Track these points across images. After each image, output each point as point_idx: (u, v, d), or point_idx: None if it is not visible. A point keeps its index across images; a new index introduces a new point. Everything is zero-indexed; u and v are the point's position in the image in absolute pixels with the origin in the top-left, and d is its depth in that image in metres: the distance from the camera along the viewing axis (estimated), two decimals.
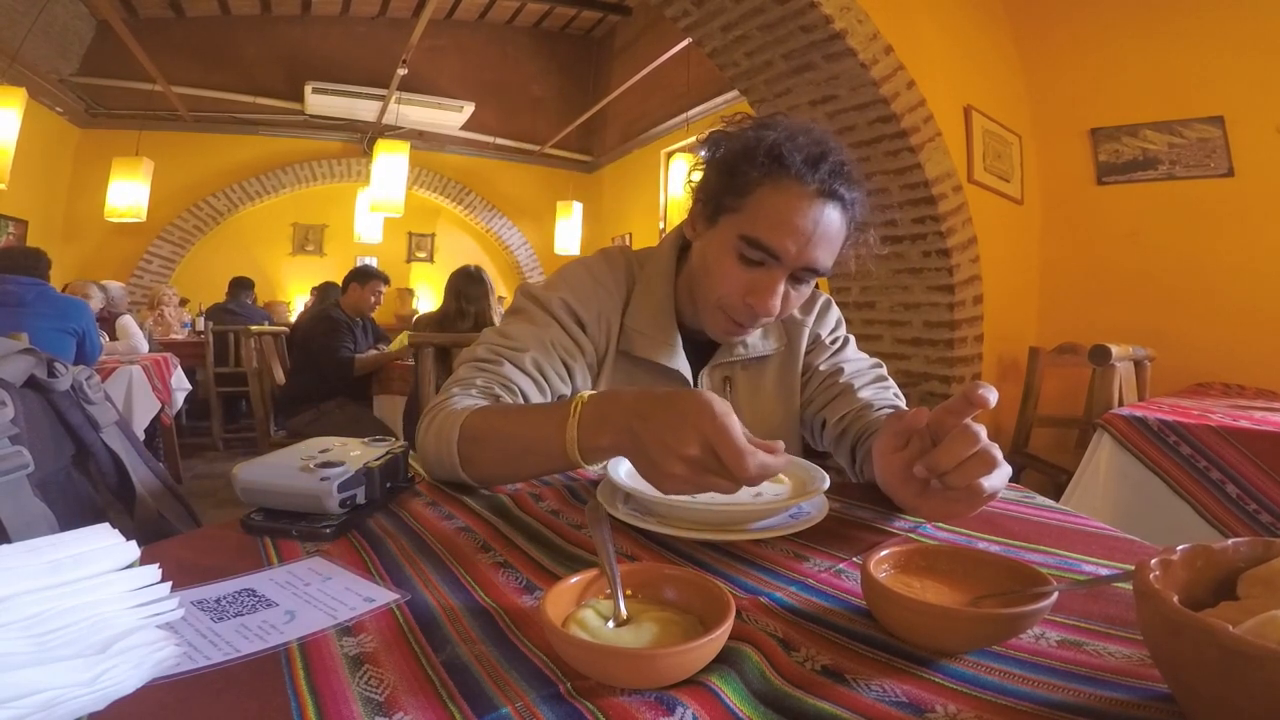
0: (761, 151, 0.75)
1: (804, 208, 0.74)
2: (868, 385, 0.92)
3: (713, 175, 0.81)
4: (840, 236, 0.79)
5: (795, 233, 0.74)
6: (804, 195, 0.74)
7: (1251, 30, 2.40)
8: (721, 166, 0.79)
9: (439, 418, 0.73)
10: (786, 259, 0.76)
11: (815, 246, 0.76)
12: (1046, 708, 0.35)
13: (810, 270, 0.78)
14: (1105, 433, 1.50)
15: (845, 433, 0.87)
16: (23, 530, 0.52)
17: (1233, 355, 2.41)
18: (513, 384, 0.80)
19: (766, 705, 0.35)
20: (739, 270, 0.78)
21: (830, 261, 0.79)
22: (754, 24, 2.38)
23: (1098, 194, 2.83)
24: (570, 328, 0.86)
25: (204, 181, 6.05)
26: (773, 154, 0.74)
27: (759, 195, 0.76)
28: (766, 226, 0.75)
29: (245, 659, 0.39)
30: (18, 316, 2.41)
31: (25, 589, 0.36)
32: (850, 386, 0.91)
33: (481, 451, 0.69)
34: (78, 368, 0.70)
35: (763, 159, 0.75)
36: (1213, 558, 0.39)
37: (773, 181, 0.75)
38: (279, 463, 0.63)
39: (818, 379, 0.95)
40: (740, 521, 0.60)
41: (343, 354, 2.96)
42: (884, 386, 0.93)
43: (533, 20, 6.78)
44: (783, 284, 0.77)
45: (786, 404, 0.96)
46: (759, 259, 0.76)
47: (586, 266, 0.91)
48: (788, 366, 0.96)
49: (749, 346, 0.92)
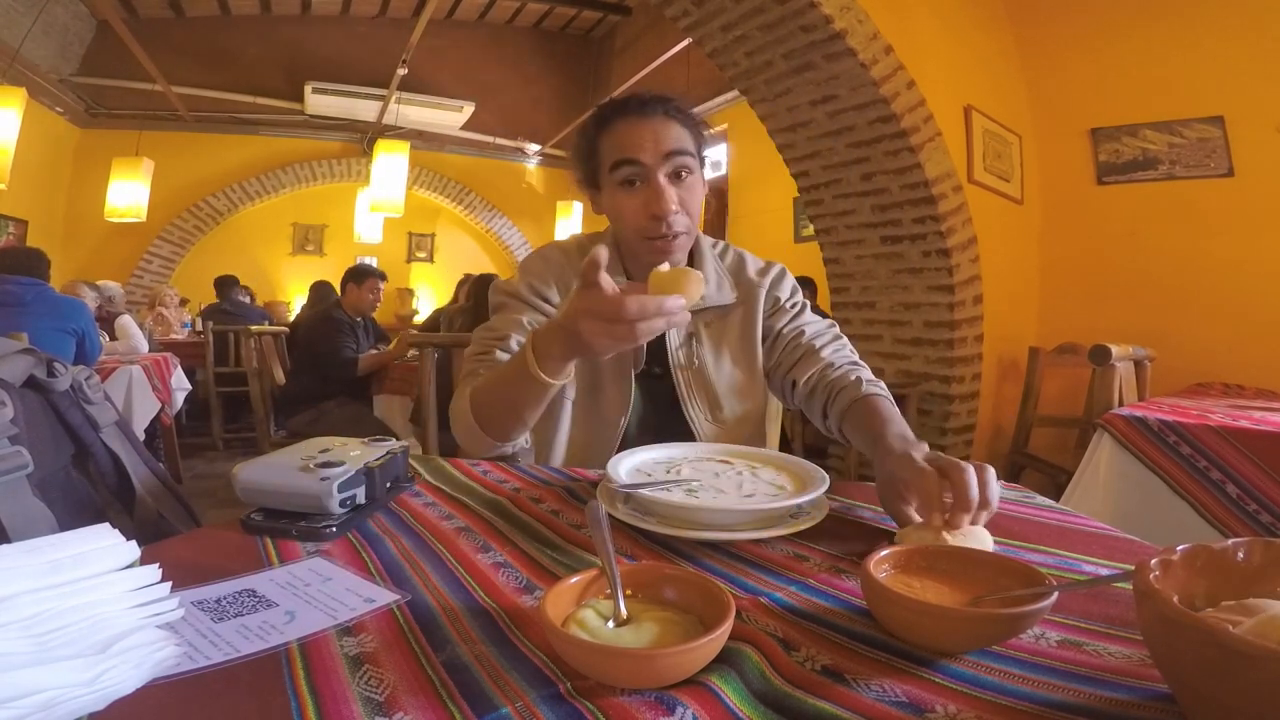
0: (589, 123, 0.95)
1: (633, 124, 0.90)
2: (828, 344, 1.00)
3: (577, 164, 0.99)
4: (683, 131, 0.91)
5: (639, 141, 0.89)
6: (628, 120, 0.91)
7: (1251, 30, 2.39)
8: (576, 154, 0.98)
9: (458, 407, 0.88)
10: (647, 159, 0.88)
11: (662, 140, 0.89)
12: (1046, 708, 0.35)
13: (675, 155, 0.89)
14: (1105, 433, 1.50)
15: (814, 391, 0.95)
16: (22, 530, 0.52)
17: (1233, 355, 2.41)
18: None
19: (766, 705, 0.35)
20: (628, 198, 0.91)
21: (690, 145, 0.91)
22: (754, 24, 2.38)
23: (1098, 194, 2.83)
24: (539, 305, 0.97)
25: (204, 181, 6.04)
26: (595, 117, 0.94)
27: (603, 143, 0.93)
28: (619, 149, 0.90)
29: (245, 659, 0.39)
30: (17, 317, 2.41)
31: (25, 589, 0.36)
32: (813, 348, 0.99)
33: (487, 409, 0.83)
34: (77, 368, 0.70)
35: (591, 124, 0.95)
36: (1213, 558, 0.39)
37: (605, 131, 0.93)
38: (279, 463, 0.63)
39: (782, 342, 1.02)
40: (740, 522, 0.60)
41: (346, 354, 2.97)
42: (842, 344, 1.02)
43: (533, 20, 6.78)
44: (665, 184, 0.88)
45: (749, 360, 1.02)
46: (631, 175, 0.90)
47: (539, 253, 1.05)
48: (748, 324, 1.03)
49: (705, 297, 0.99)
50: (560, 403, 0.97)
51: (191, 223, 6.03)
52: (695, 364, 0.98)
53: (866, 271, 2.77)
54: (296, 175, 6.41)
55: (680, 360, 0.98)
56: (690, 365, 0.98)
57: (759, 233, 4.96)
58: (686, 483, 0.65)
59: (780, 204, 4.66)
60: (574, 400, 0.97)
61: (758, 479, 0.68)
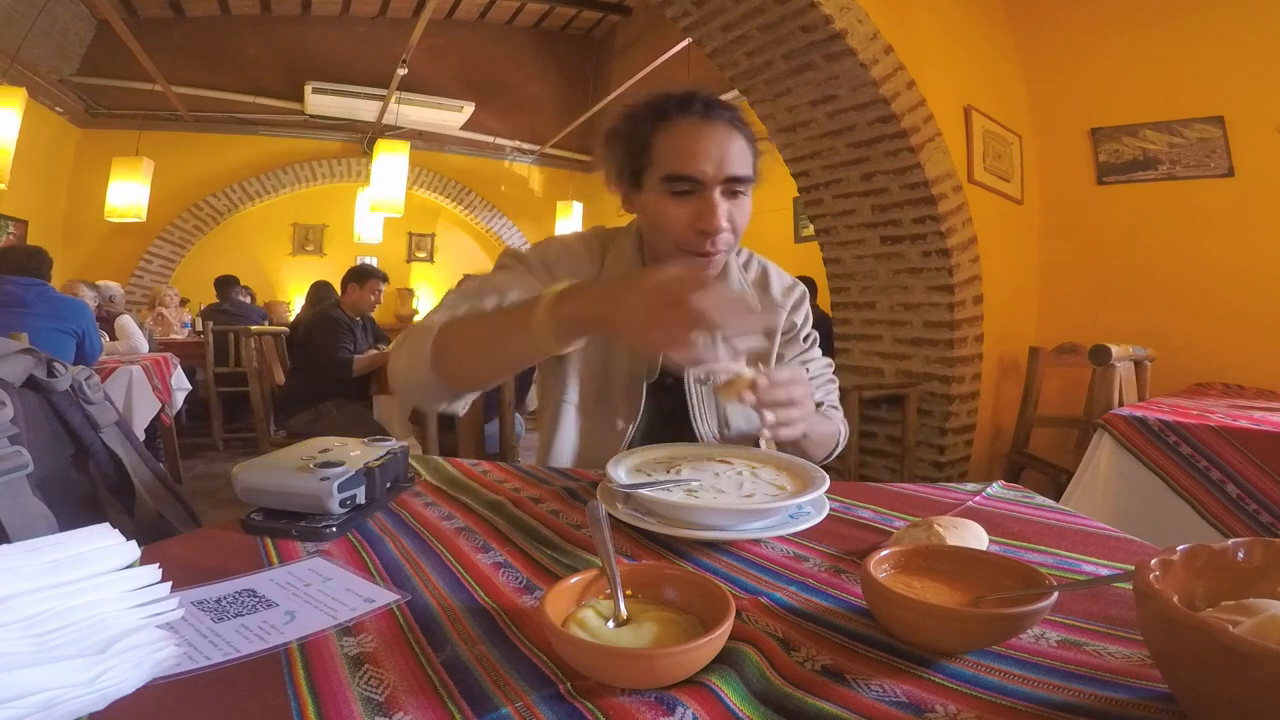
0: (642, 112, 0.87)
1: (700, 132, 0.83)
2: (822, 385, 1.01)
3: (618, 152, 0.90)
4: (744, 147, 0.86)
5: (704, 154, 0.82)
6: (693, 123, 0.84)
7: (1251, 30, 2.39)
8: (619, 142, 0.89)
9: (415, 330, 0.79)
10: (708, 179, 0.82)
11: (728, 160, 0.83)
12: (1046, 708, 0.35)
13: (736, 180, 0.84)
14: (1105, 433, 1.50)
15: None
16: (22, 530, 0.52)
17: (1233, 355, 2.41)
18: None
19: (766, 705, 0.35)
20: (677, 207, 0.84)
21: (748, 169, 0.86)
22: (754, 24, 2.38)
23: (1098, 194, 2.83)
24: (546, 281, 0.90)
25: (204, 181, 6.04)
26: (652, 108, 0.86)
27: (659, 142, 0.85)
28: (679, 160, 0.83)
29: (245, 659, 0.39)
30: (17, 317, 2.41)
31: (25, 589, 0.36)
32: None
33: (458, 348, 0.75)
34: (77, 368, 0.70)
35: (645, 115, 0.86)
36: (1213, 558, 0.39)
37: (663, 125, 0.85)
38: (279, 463, 0.63)
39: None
40: (740, 522, 0.60)
41: (342, 354, 2.97)
42: (832, 387, 1.04)
43: (533, 20, 6.78)
44: (719, 201, 0.83)
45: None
46: (687, 189, 0.83)
47: (561, 240, 1.00)
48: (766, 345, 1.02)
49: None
50: (560, 405, 0.94)
51: (191, 223, 6.03)
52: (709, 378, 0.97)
53: (866, 271, 2.77)
54: (296, 175, 6.41)
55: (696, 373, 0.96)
56: (705, 379, 0.96)
57: (759, 233, 4.96)
58: (686, 483, 0.65)
59: (780, 204, 4.66)
60: (576, 405, 0.95)
61: (758, 479, 0.68)
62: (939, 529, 0.54)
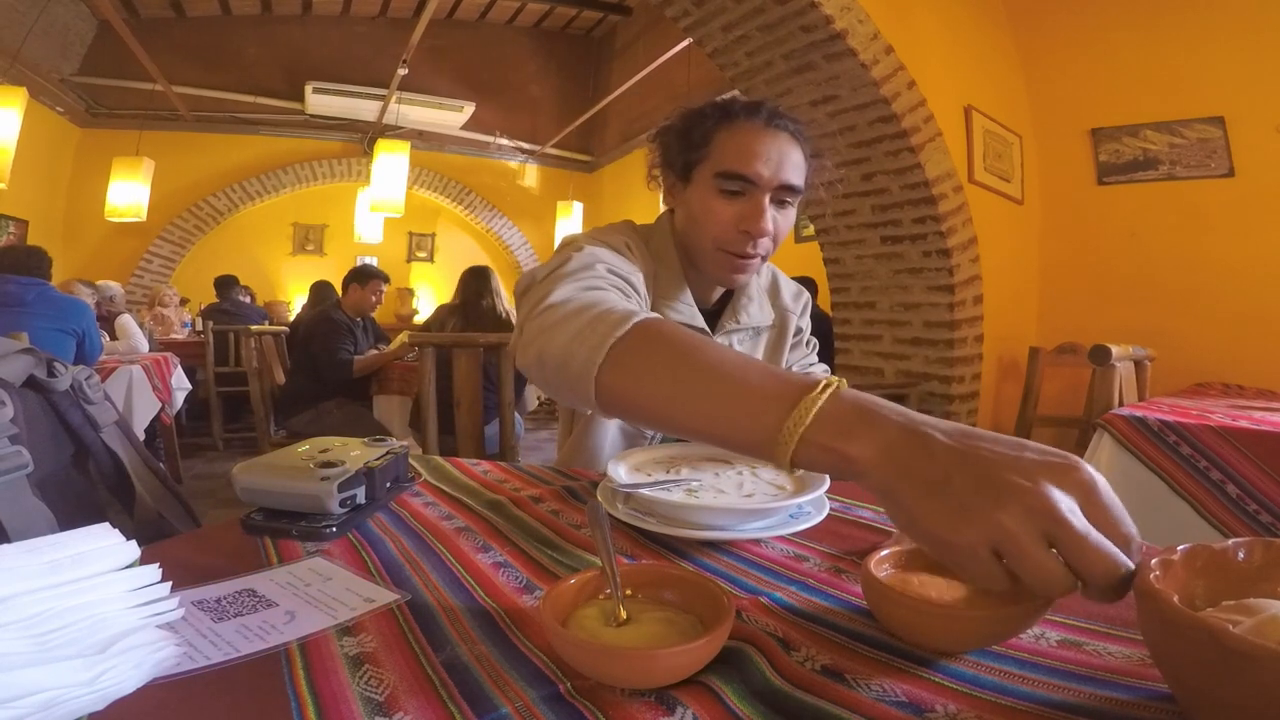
0: (708, 109, 0.87)
1: (762, 136, 0.84)
2: None
3: (673, 144, 0.90)
4: (801, 160, 0.86)
5: (762, 157, 0.82)
6: (757, 127, 0.84)
7: (1251, 30, 2.39)
8: (677, 134, 0.89)
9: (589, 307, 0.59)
10: (762, 181, 0.83)
11: (784, 167, 0.83)
12: (1046, 708, 0.35)
13: (787, 189, 0.84)
14: (1105, 433, 1.50)
15: None
16: (22, 530, 0.52)
17: (1233, 355, 2.41)
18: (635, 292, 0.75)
19: (766, 705, 0.35)
20: (724, 205, 0.85)
21: (801, 181, 0.86)
22: (754, 24, 2.38)
23: (1098, 194, 2.83)
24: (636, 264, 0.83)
25: (204, 181, 6.04)
26: (718, 107, 0.87)
27: (719, 139, 0.85)
28: (736, 158, 0.83)
29: (245, 659, 0.39)
30: (17, 316, 2.41)
31: (25, 589, 0.36)
32: None
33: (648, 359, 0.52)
34: (77, 367, 0.70)
35: (711, 112, 0.86)
36: (1213, 558, 0.39)
37: (727, 124, 0.85)
38: (279, 463, 0.63)
39: None
40: (740, 522, 0.60)
41: (341, 355, 2.96)
42: None
43: (533, 20, 6.78)
44: (768, 206, 0.83)
45: None
46: (738, 189, 0.84)
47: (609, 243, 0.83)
48: (777, 350, 1.03)
49: (750, 315, 0.97)
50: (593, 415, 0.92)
51: (192, 223, 6.03)
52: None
53: (866, 271, 2.77)
54: (297, 175, 6.41)
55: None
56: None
57: None
58: (686, 482, 0.65)
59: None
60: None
61: (758, 479, 0.68)
62: None
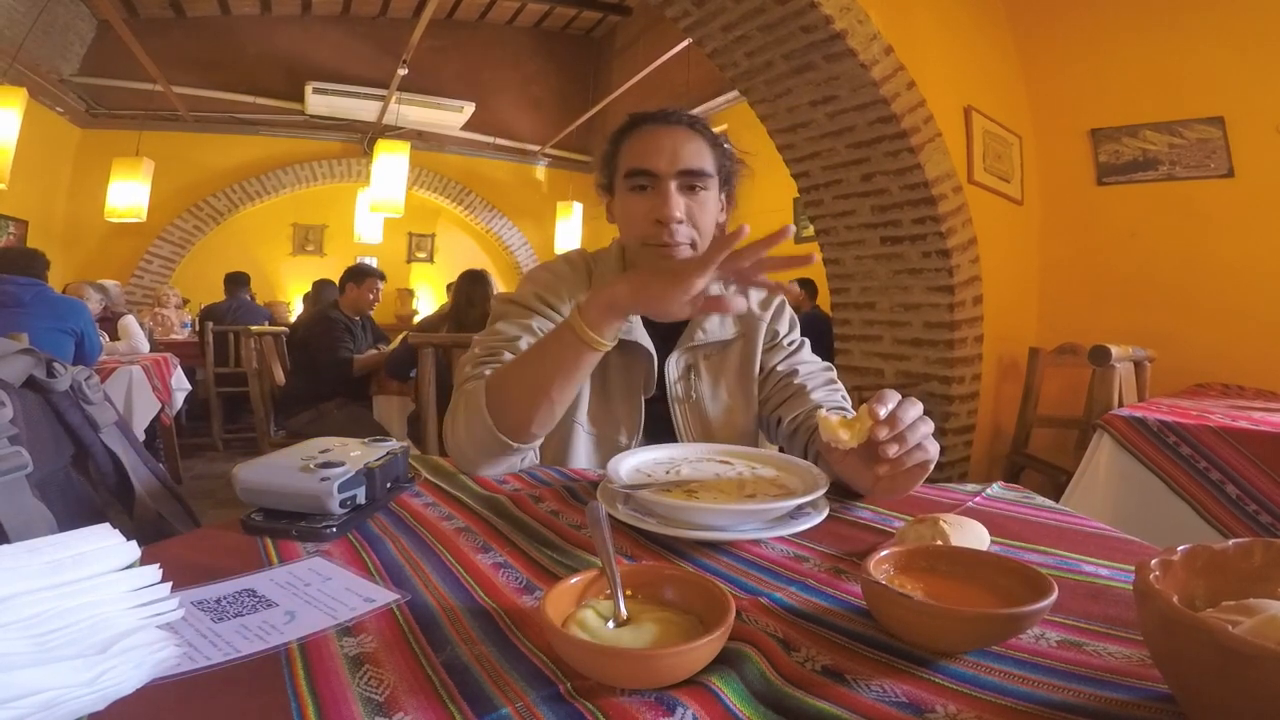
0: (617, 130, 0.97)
1: (657, 133, 0.91)
2: (820, 388, 0.98)
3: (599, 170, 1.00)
4: (702, 148, 0.91)
5: (657, 150, 0.90)
6: (654, 128, 0.92)
7: (1251, 30, 2.39)
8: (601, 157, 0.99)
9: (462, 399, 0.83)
10: (660, 170, 0.89)
11: (681, 154, 0.89)
12: (1046, 708, 0.35)
13: (690, 174, 0.89)
14: (1105, 433, 1.50)
15: (797, 431, 0.93)
16: (21, 531, 0.52)
17: (1232, 355, 2.41)
18: None
19: (766, 705, 0.35)
20: (637, 201, 0.91)
21: (705, 164, 0.91)
22: (754, 24, 2.38)
23: (1098, 194, 2.83)
24: (547, 313, 0.96)
25: (204, 181, 6.04)
26: (620, 127, 0.96)
27: (624, 147, 0.94)
28: (637, 156, 0.91)
29: (245, 659, 0.39)
30: (16, 317, 2.41)
31: (26, 589, 0.36)
32: (804, 388, 0.97)
33: (506, 390, 0.79)
34: (77, 368, 0.70)
35: (620, 127, 0.96)
36: (1213, 558, 0.39)
37: (628, 135, 0.94)
38: (279, 463, 0.63)
39: (774, 379, 1.01)
40: (740, 522, 0.60)
41: (341, 354, 2.96)
42: (833, 389, 1.00)
43: (533, 20, 6.78)
44: (674, 193, 0.89)
45: (745, 395, 1.01)
46: (645, 183, 0.90)
47: (547, 266, 1.04)
48: (746, 359, 1.02)
49: (707, 332, 0.98)
50: (571, 425, 0.94)
51: (191, 223, 6.03)
52: (693, 397, 0.97)
53: (866, 272, 2.77)
54: (296, 175, 6.41)
55: (678, 393, 0.97)
56: (688, 398, 0.97)
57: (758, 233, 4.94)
58: (686, 483, 0.65)
59: (780, 204, 4.66)
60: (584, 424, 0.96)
61: (758, 479, 0.68)
62: (944, 525, 0.54)
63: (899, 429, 0.61)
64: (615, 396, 0.96)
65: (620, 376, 0.96)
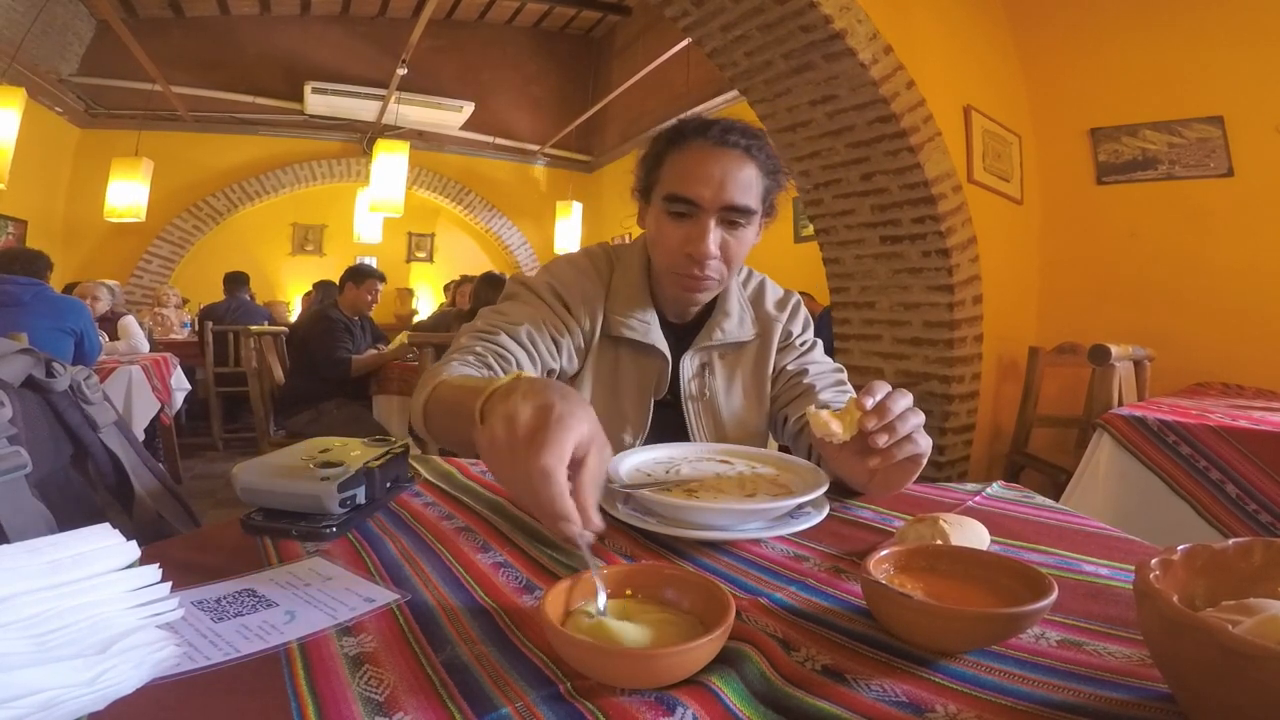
0: (665, 132, 0.90)
1: (708, 157, 0.85)
2: (828, 388, 0.97)
3: (640, 171, 0.94)
4: (754, 178, 0.86)
5: (705, 179, 0.84)
6: (704, 148, 0.85)
7: (1251, 30, 2.39)
8: (643, 159, 0.94)
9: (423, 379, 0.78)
10: (704, 203, 0.84)
11: (728, 187, 0.84)
12: (1046, 708, 0.35)
13: (734, 209, 0.85)
14: (1105, 433, 1.50)
15: (802, 431, 0.92)
16: (21, 531, 0.52)
17: (1232, 355, 2.41)
18: (508, 352, 0.85)
19: (766, 705, 0.35)
20: (672, 227, 0.87)
21: (751, 200, 0.86)
22: (754, 24, 2.38)
23: (1098, 194, 2.83)
24: (557, 309, 0.93)
25: (204, 181, 6.04)
26: (672, 128, 0.90)
27: (669, 161, 0.88)
28: (680, 181, 0.86)
29: (245, 659, 0.39)
30: (15, 317, 2.41)
31: (25, 589, 0.36)
32: (812, 388, 0.96)
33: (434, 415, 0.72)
34: (76, 368, 0.70)
35: (665, 135, 0.90)
36: (1213, 557, 0.39)
37: (676, 147, 0.88)
38: (279, 463, 0.63)
39: (784, 378, 1.01)
40: (740, 522, 0.60)
41: (339, 354, 2.96)
42: (842, 390, 0.99)
43: (532, 20, 6.78)
44: (713, 228, 0.85)
45: (759, 395, 1.01)
46: (684, 211, 0.86)
47: (570, 260, 1.00)
48: (761, 359, 1.01)
49: (725, 332, 0.97)
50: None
51: (191, 223, 6.03)
52: (706, 395, 0.97)
53: (866, 271, 2.77)
54: (296, 175, 6.41)
55: (692, 391, 0.97)
56: (701, 397, 0.97)
57: None
58: (686, 482, 0.65)
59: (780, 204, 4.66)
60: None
61: (758, 479, 0.68)
62: (944, 525, 0.54)
63: (888, 418, 0.60)
64: (624, 395, 0.96)
65: (631, 376, 0.96)
